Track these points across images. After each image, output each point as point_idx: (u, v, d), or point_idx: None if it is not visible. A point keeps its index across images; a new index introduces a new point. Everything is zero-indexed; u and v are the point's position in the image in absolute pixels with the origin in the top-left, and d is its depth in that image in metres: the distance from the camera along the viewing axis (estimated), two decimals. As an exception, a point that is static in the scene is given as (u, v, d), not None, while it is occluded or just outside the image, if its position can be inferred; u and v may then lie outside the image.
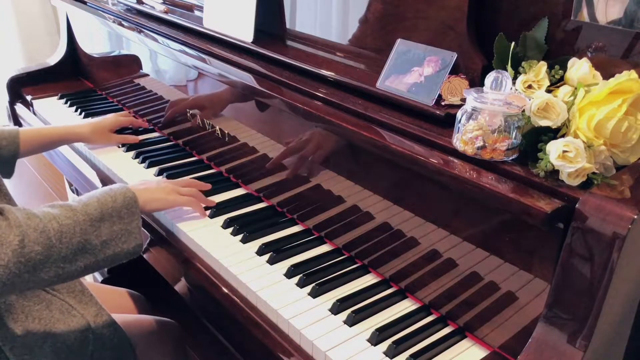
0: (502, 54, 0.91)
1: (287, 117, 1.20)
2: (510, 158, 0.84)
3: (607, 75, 0.81)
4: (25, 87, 1.99)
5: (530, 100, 0.82)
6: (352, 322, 0.96)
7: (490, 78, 0.85)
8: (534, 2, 0.93)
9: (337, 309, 0.99)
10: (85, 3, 1.91)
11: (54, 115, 1.82)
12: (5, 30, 3.39)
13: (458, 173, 0.84)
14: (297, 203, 1.23)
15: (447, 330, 0.97)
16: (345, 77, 1.09)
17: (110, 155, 1.54)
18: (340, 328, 0.96)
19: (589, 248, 0.72)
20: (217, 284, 1.09)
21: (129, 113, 1.77)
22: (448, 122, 0.92)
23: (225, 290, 1.07)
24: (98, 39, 1.92)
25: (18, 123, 1.98)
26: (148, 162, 1.47)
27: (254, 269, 1.08)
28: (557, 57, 0.89)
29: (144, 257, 1.30)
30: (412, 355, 0.90)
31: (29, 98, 1.94)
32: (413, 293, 1.03)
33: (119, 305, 1.36)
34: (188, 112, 1.49)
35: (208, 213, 1.24)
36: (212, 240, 1.16)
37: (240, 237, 1.17)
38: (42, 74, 2.04)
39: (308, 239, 1.18)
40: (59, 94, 1.95)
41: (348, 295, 1.02)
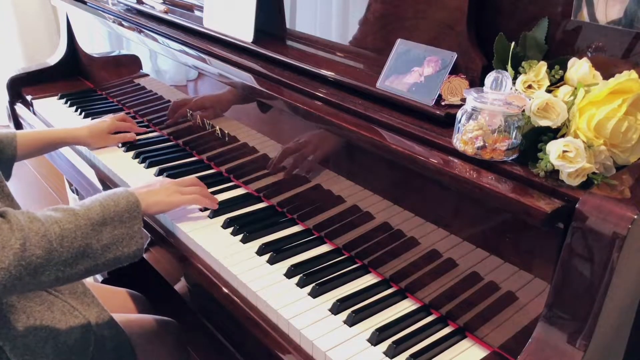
0: (502, 54, 0.91)
1: (287, 117, 1.20)
2: (510, 158, 0.84)
3: (607, 75, 0.81)
4: (25, 87, 1.99)
5: (530, 100, 0.82)
6: (352, 322, 0.96)
7: (490, 78, 0.85)
8: (534, 2, 0.93)
9: (337, 309, 0.99)
10: (85, 3, 1.91)
11: (54, 115, 1.82)
12: (5, 30, 3.39)
13: (458, 173, 0.84)
14: (297, 203, 1.23)
15: (447, 330, 0.97)
16: (346, 77, 1.09)
17: (110, 155, 1.54)
18: (340, 328, 0.96)
19: (589, 248, 0.72)
20: (217, 284, 1.09)
21: (127, 114, 1.77)
22: (448, 122, 0.92)
23: (225, 290, 1.07)
24: (98, 39, 1.92)
25: (18, 123, 1.98)
26: (148, 162, 1.47)
27: (254, 269, 1.08)
28: (557, 57, 0.89)
29: (144, 257, 1.30)
30: (412, 355, 0.90)
31: (29, 98, 1.94)
32: (413, 293, 1.03)
33: (120, 305, 1.36)
34: (188, 112, 1.49)
35: (208, 213, 1.24)
36: (212, 240, 1.16)
37: (240, 237, 1.17)
38: (42, 74, 2.03)
39: (308, 239, 1.18)
40: (59, 94, 1.95)
41: (348, 295, 1.02)
